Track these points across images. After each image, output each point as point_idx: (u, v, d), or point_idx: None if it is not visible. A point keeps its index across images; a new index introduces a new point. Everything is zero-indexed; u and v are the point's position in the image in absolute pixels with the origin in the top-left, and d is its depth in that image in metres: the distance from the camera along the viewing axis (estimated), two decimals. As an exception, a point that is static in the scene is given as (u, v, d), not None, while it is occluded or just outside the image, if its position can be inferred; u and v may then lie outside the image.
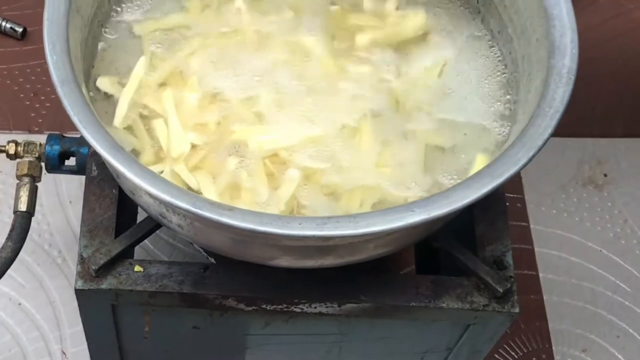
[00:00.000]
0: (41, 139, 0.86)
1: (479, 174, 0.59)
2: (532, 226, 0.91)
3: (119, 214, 0.74)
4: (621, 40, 1.04)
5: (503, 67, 0.73)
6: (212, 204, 0.59)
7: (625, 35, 1.04)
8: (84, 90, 0.64)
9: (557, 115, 0.61)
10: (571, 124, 0.96)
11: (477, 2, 0.76)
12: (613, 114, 0.99)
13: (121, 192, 0.74)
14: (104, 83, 0.71)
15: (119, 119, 0.69)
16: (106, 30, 0.74)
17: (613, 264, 0.95)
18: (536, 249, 0.90)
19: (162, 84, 0.72)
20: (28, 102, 1.03)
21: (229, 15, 0.76)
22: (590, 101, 0.99)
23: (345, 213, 0.65)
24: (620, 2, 1.06)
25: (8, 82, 1.05)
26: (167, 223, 0.67)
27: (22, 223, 0.82)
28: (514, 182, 0.92)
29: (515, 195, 0.93)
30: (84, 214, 0.74)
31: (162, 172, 0.67)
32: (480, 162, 0.68)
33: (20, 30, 1.07)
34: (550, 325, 0.94)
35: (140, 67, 0.71)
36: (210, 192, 0.67)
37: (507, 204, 0.91)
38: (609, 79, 1.01)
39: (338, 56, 0.74)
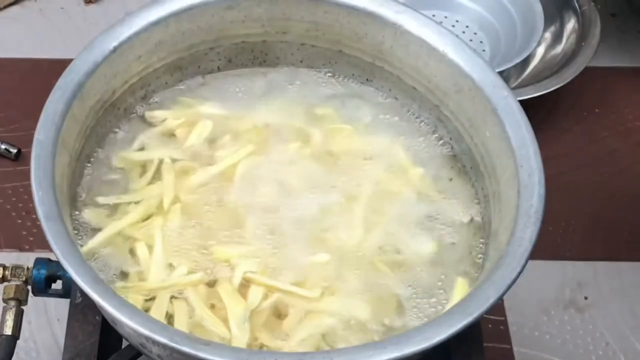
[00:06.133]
0: (31, 257, 0.87)
1: (450, 311, 0.61)
2: (515, 349, 0.91)
3: (102, 341, 0.75)
4: (597, 164, 1.06)
5: (476, 202, 0.75)
6: (190, 339, 0.60)
7: (600, 159, 1.07)
8: (68, 223, 0.66)
9: (526, 254, 0.62)
10: (551, 247, 0.97)
11: (450, 139, 0.78)
12: (592, 236, 1.00)
13: (104, 319, 0.75)
14: (88, 216, 0.73)
15: (88, 247, 0.71)
16: (91, 162, 0.76)
17: (597, 386, 0.93)
18: (520, 371, 0.90)
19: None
20: (20, 221, 1.05)
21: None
22: (570, 224, 1.00)
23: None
24: (594, 130, 1.09)
25: (1, 200, 1.07)
26: (148, 353, 0.67)
27: (7, 347, 0.82)
28: (497, 306, 0.92)
29: (497, 318, 0.93)
30: (66, 340, 0.75)
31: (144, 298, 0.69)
32: (460, 285, 0.69)
33: (14, 151, 1.09)
34: None
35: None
36: (181, 323, 0.67)
37: (490, 325, 0.92)
38: (587, 202, 1.02)
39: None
